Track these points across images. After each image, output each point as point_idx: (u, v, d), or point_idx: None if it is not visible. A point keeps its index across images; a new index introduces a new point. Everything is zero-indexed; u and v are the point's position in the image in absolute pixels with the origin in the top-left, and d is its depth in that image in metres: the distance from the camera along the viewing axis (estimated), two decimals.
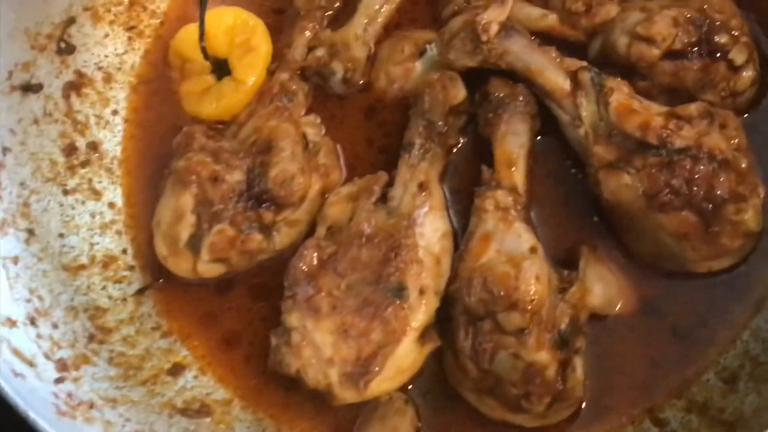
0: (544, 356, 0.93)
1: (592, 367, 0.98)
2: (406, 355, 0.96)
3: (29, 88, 1.08)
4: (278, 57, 1.14)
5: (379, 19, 1.15)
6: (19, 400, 0.81)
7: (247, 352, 1.04)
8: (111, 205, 1.12)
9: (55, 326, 0.96)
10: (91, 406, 0.89)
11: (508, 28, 1.05)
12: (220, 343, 1.05)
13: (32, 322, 0.93)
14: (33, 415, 0.80)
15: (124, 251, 1.10)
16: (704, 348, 1.00)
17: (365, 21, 1.15)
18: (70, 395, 0.87)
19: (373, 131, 1.12)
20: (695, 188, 0.95)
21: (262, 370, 1.02)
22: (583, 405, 0.98)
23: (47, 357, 0.91)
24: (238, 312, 1.06)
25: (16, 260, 0.98)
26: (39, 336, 0.93)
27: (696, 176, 0.95)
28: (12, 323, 0.90)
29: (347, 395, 0.96)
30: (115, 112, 1.16)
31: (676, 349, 1.00)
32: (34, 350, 0.90)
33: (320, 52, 1.13)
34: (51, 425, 0.80)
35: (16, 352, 0.86)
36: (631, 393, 0.99)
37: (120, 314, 1.04)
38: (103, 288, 1.06)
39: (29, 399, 0.82)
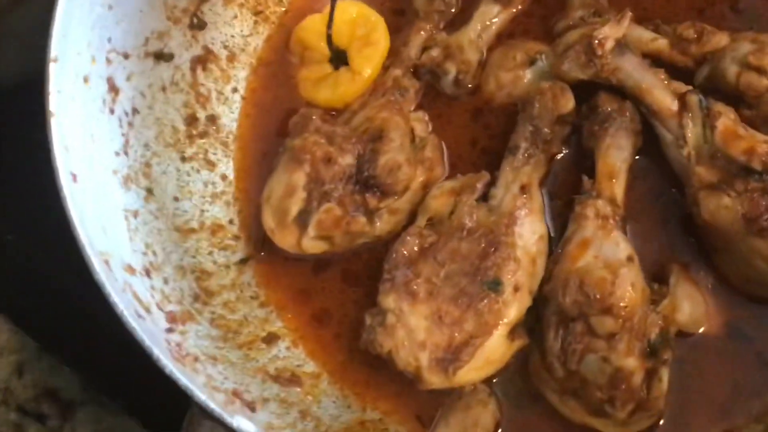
0: (632, 363, 0.92)
1: (674, 383, 0.95)
2: (496, 348, 0.96)
3: (161, 57, 1.10)
4: (394, 54, 1.14)
5: (493, 27, 1.15)
6: (145, 337, 0.82)
7: (336, 331, 1.04)
8: (223, 176, 1.12)
9: (165, 281, 0.97)
10: (196, 359, 0.89)
11: (622, 45, 1.04)
12: (311, 319, 1.05)
13: (147, 273, 0.94)
14: (156, 352, 0.81)
15: (231, 221, 1.10)
16: None
17: (480, 27, 1.14)
18: (179, 345, 0.87)
19: (478, 132, 1.11)
20: None
21: (350, 349, 1.02)
22: (662, 421, 0.95)
23: (159, 307, 0.91)
24: (330, 292, 1.06)
25: (136, 214, 0.99)
26: (152, 287, 0.93)
27: None
28: (132, 270, 0.91)
29: (435, 380, 0.95)
30: (234, 90, 1.17)
31: (759, 375, 0.97)
32: (149, 299, 0.90)
33: (435, 53, 1.14)
34: (171, 364, 0.81)
35: (136, 297, 0.87)
36: (711, 413, 0.97)
37: (223, 280, 1.05)
38: (210, 253, 1.06)
39: (151, 339, 0.83)
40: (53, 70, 0.91)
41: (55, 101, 0.90)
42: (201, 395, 0.80)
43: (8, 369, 1.15)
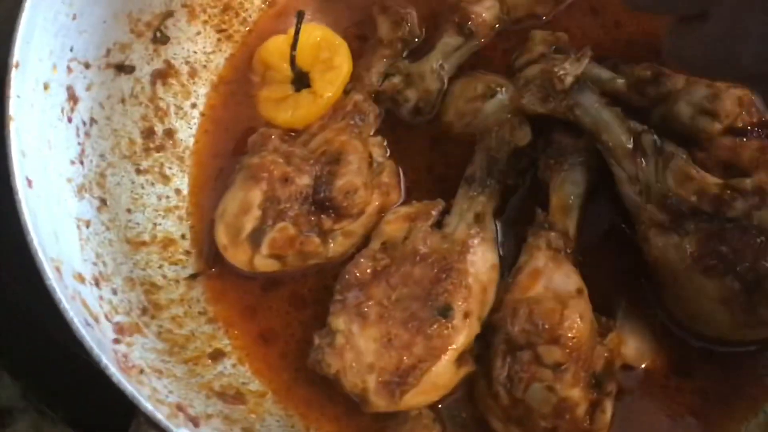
0: (577, 393, 0.93)
1: (616, 416, 0.97)
2: (443, 373, 0.97)
3: (122, 69, 1.11)
4: (356, 79, 1.16)
5: (455, 58, 1.17)
6: (93, 345, 0.82)
7: (282, 350, 1.05)
8: (177, 191, 1.13)
9: (114, 292, 0.97)
10: (141, 371, 0.89)
11: (581, 83, 1.07)
12: (258, 338, 1.06)
13: (96, 283, 0.94)
14: (105, 360, 0.81)
15: (183, 236, 1.11)
16: (727, 415, 1.00)
17: (442, 58, 1.16)
18: (125, 356, 0.87)
19: (435, 160, 1.13)
20: (741, 258, 0.95)
21: (296, 369, 1.03)
22: None
23: (107, 318, 0.91)
24: (277, 312, 1.07)
25: (88, 224, 0.99)
26: (101, 298, 0.93)
27: (744, 246, 0.96)
28: (82, 279, 0.91)
29: (381, 403, 0.96)
30: (194, 105, 1.18)
31: (700, 412, 1.00)
32: (98, 309, 0.90)
33: (396, 80, 1.16)
34: (118, 373, 0.81)
35: (85, 305, 0.87)
36: None
37: (171, 294, 1.05)
38: (160, 267, 1.07)
39: (99, 348, 0.83)
40: (14, 75, 0.91)
41: (14, 106, 0.90)
42: (147, 405, 0.80)
43: None
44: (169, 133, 1.15)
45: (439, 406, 1.00)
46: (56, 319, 1.08)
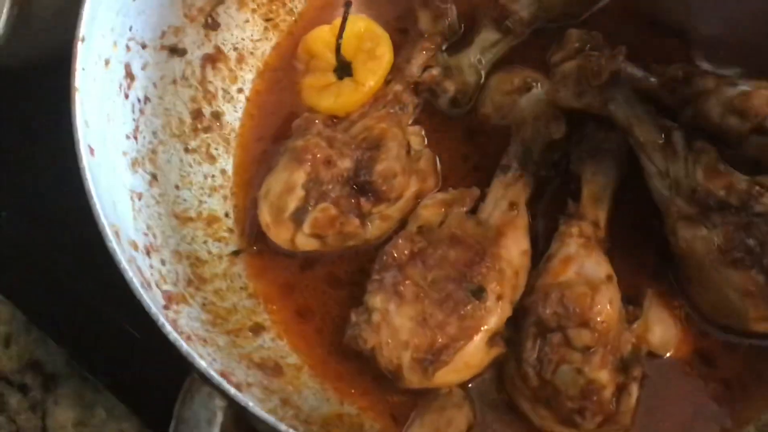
0: (604, 376, 0.97)
1: (640, 401, 1.00)
2: (475, 353, 1.00)
3: (175, 51, 1.15)
4: (396, 70, 1.20)
5: (493, 53, 1.21)
6: (151, 305, 0.86)
7: (318, 327, 1.09)
8: (222, 171, 1.17)
9: (163, 263, 1.01)
10: (189, 338, 0.92)
11: (616, 78, 1.11)
12: (295, 314, 1.10)
13: (147, 253, 0.98)
14: (162, 319, 0.85)
15: (227, 215, 1.15)
16: (748, 403, 1.03)
17: (480, 52, 1.20)
18: (174, 322, 0.91)
19: (471, 150, 1.17)
20: (767, 251, 0.99)
21: (331, 345, 1.07)
22: None
23: (157, 285, 0.95)
24: (314, 290, 1.10)
25: (140, 196, 1.04)
26: (152, 266, 0.97)
27: None
28: (135, 246, 0.95)
29: (414, 379, 0.99)
30: (240, 90, 1.22)
31: (722, 400, 1.03)
32: (149, 276, 0.94)
33: (435, 72, 1.19)
34: (173, 332, 0.85)
35: (139, 270, 0.91)
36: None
37: (215, 269, 1.09)
38: (205, 242, 1.11)
39: (156, 310, 0.87)
40: (80, 48, 0.95)
41: (79, 78, 0.94)
42: (202, 362, 0.84)
43: None
44: (216, 116, 1.19)
45: (469, 385, 1.03)
46: (101, 290, 1.13)
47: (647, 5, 1.21)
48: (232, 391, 0.83)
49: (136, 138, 1.07)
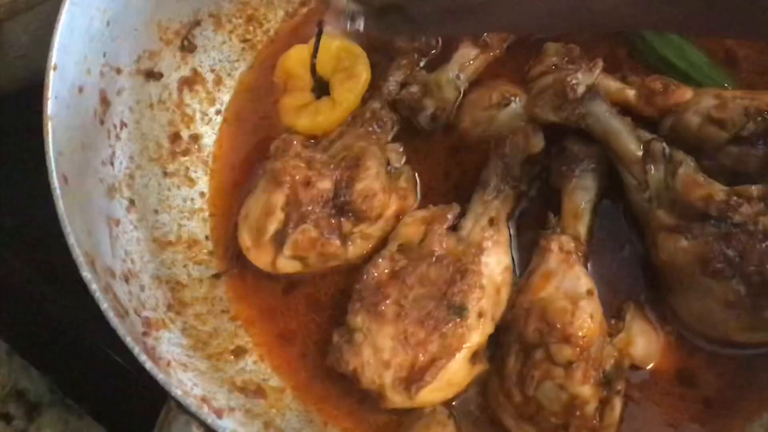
0: (587, 391, 0.96)
1: (623, 415, 0.99)
2: (458, 371, 0.99)
3: (151, 75, 1.15)
4: (374, 88, 1.19)
5: (471, 69, 1.20)
6: (127, 334, 0.85)
7: (301, 350, 1.08)
8: (201, 194, 1.16)
9: (142, 289, 1.00)
10: (168, 363, 0.92)
11: (593, 92, 1.10)
12: (277, 337, 1.09)
13: (126, 279, 0.97)
14: (137, 349, 0.84)
15: (207, 237, 1.14)
16: (731, 416, 1.02)
17: (458, 68, 1.20)
18: (153, 349, 0.91)
19: (451, 166, 1.16)
20: (747, 261, 0.98)
21: (314, 367, 1.06)
22: None
23: (136, 312, 0.94)
24: (296, 313, 1.10)
25: (117, 222, 1.03)
26: (130, 293, 0.96)
27: (750, 250, 0.98)
28: (112, 274, 0.94)
29: (397, 399, 0.99)
30: (218, 112, 1.22)
31: (704, 419, 1.02)
32: (127, 303, 0.93)
33: (414, 89, 1.18)
34: (149, 362, 0.84)
35: (116, 299, 0.90)
36: None
37: (196, 292, 1.08)
38: (185, 266, 1.10)
39: (131, 338, 0.86)
40: (52, 77, 0.95)
41: (52, 106, 0.94)
42: (177, 392, 0.83)
43: None
44: (195, 138, 1.19)
45: (453, 403, 1.02)
46: (83, 317, 1.12)
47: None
48: (210, 419, 0.83)
49: (112, 164, 1.06)
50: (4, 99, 1.16)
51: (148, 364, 0.84)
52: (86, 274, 0.86)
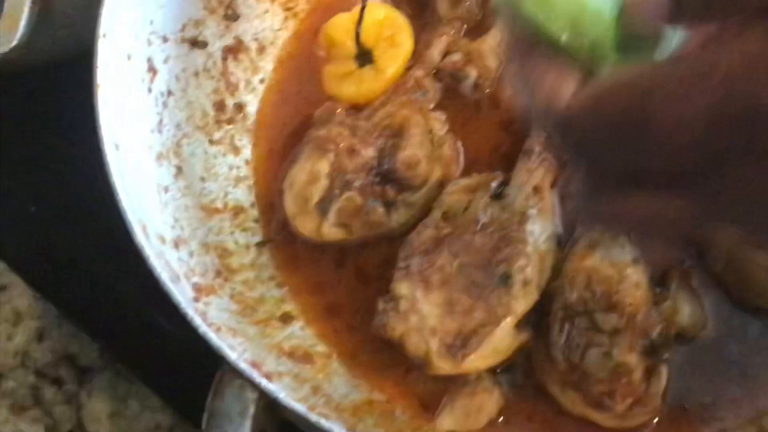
0: (633, 359, 0.96)
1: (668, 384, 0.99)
2: (503, 338, 0.99)
3: (196, 43, 1.15)
4: (417, 56, 1.19)
5: None
6: (181, 299, 0.86)
7: (347, 319, 1.08)
8: (246, 162, 1.17)
9: (191, 255, 1.01)
10: (219, 329, 0.92)
11: None
12: (324, 308, 1.09)
13: (176, 245, 0.98)
14: (191, 313, 0.85)
15: (252, 205, 1.14)
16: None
17: (500, 36, 1.20)
18: (204, 314, 0.91)
19: (493, 134, 1.15)
20: None
21: (361, 335, 1.06)
22: (656, 420, 0.99)
23: (186, 278, 0.95)
24: (345, 284, 1.10)
25: (166, 189, 1.04)
26: (180, 259, 0.97)
27: None
28: (163, 240, 0.95)
29: (444, 365, 0.98)
30: (262, 81, 1.21)
31: (741, 387, 1.01)
32: (178, 269, 0.95)
33: (456, 57, 1.18)
34: (203, 325, 0.85)
35: (168, 264, 0.91)
36: (702, 415, 1.00)
37: (243, 259, 1.09)
38: (231, 233, 1.10)
39: (185, 304, 0.87)
40: (102, 45, 0.96)
41: (101, 74, 0.95)
42: (233, 355, 0.84)
43: (28, 334, 1.19)
44: (239, 107, 1.19)
45: (498, 370, 1.02)
46: (132, 284, 1.14)
47: None
48: (263, 383, 0.83)
49: (160, 131, 1.07)
50: (51, 69, 1.17)
51: (202, 329, 0.84)
52: (140, 240, 0.87)
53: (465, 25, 1.22)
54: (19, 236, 1.26)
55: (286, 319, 1.06)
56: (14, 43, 1.04)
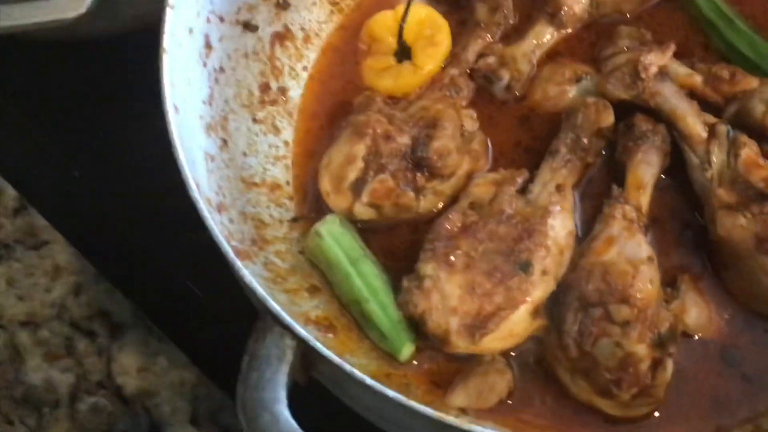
0: (642, 350, 0.99)
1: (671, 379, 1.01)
2: (519, 323, 1.03)
3: (248, 27, 1.19)
4: (453, 56, 1.23)
5: (545, 45, 1.24)
6: (229, 250, 0.90)
7: None
8: (285, 143, 1.21)
9: (231, 221, 1.05)
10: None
11: (663, 73, 1.13)
12: None
13: (219, 210, 1.02)
14: (239, 263, 0.88)
15: (288, 183, 1.18)
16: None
17: (534, 43, 1.23)
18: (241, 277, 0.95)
19: (521, 134, 1.19)
20: None
21: None
22: (657, 412, 1.02)
23: (227, 240, 0.99)
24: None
25: (212, 158, 1.08)
26: (222, 223, 1.01)
27: None
28: (210, 202, 0.99)
29: (461, 344, 1.02)
30: (305, 68, 1.26)
31: (741, 391, 1.04)
32: (221, 231, 0.98)
33: (491, 60, 1.22)
34: (250, 275, 0.89)
35: (214, 225, 0.95)
36: (702, 410, 1.03)
37: (276, 232, 1.12)
38: (267, 207, 1.14)
39: (232, 257, 0.91)
40: (169, 15, 1.01)
41: (167, 41, 0.99)
42: (275, 305, 0.87)
43: (66, 287, 1.23)
44: (282, 90, 1.23)
45: (512, 354, 1.05)
46: (168, 249, 1.17)
47: None
48: (303, 332, 0.87)
49: (210, 104, 1.11)
50: (114, 40, 1.22)
51: (248, 278, 0.88)
52: (194, 194, 0.90)
53: (500, 31, 1.26)
54: (62, 197, 1.30)
55: (313, 290, 1.09)
56: (83, 9, 1.08)
